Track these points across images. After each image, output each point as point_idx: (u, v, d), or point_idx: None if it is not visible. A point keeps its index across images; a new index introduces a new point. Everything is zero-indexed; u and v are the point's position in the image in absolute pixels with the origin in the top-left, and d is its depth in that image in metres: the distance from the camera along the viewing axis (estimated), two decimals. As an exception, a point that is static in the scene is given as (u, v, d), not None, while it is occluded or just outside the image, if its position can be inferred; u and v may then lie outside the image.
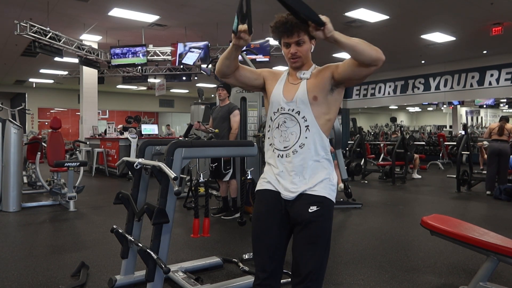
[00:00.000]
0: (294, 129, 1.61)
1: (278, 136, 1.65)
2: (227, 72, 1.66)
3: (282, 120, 1.64)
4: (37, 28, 7.72)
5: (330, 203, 1.61)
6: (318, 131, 1.61)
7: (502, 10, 7.77)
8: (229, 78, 1.70)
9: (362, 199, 6.11)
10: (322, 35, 1.41)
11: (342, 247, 3.69)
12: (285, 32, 1.58)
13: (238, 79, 1.71)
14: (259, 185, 1.73)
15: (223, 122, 4.75)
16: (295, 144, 1.61)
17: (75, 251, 3.49)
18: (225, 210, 4.90)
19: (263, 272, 1.62)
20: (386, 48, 10.68)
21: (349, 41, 1.44)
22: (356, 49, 1.44)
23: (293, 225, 1.62)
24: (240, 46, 1.53)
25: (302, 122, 1.60)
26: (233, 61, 1.62)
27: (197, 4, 7.50)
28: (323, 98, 1.61)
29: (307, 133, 1.60)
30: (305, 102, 1.60)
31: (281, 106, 1.65)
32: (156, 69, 12.23)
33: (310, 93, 1.60)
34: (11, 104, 17.24)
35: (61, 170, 5.62)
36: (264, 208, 1.67)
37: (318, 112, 1.61)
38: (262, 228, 1.65)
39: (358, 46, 1.44)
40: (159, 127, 12.72)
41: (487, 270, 2.31)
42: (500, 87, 11.68)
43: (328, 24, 1.39)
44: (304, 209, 1.57)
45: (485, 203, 6.03)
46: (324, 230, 1.59)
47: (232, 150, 2.82)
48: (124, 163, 2.57)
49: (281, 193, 1.62)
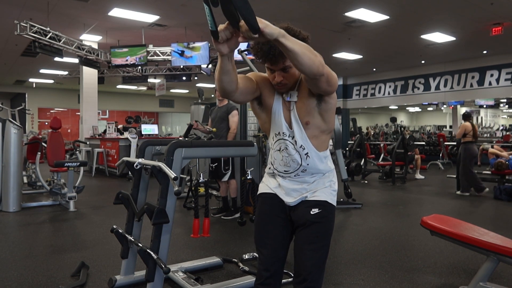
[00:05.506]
0: (295, 156, 1.61)
1: (279, 159, 1.65)
2: (230, 89, 1.43)
3: (284, 146, 1.62)
4: (37, 28, 7.71)
5: (331, 207, 1.64)
6: (317, 154, 1.61)
7: (502, 10, 7.77)
8: (235, 95, 1.48)
9: (362, 199, 6.11)
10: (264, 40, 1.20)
11: (342, 247, 3.69)
12: (269, 61, 1.47)
13: (243, 93, 1.51)
14: (261, 188, 1.74)
15: (222, 123, 4.75)
16: (296, 170, 1.62)
17: (75, 251, 3.49)
18: (225, 210, 4.90)
19: (266, 271, 1.63)
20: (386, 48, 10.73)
21: (294, 46, 1.23)
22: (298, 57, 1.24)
23: (295, 227, 1.64)
24: (231, 51, 1.26)
25: (301, 151, 1.60)
26: (232, 73, 1.37)
27: (197, 4, 7.49)
28: (315, 117, 1.57)
29: (307, 160, 1.60)
30: (300, 130, 1.58)
31: (283, 131, 1.61)
32: (156, 69, 12.23)
33: (302, 120, 1.57)
34: (11, 104, 17.24)
35: (61, 170, 5.62)
36: (267, 209, 1.68)
37: (314, 132, 1.59)
38: (266, 228, 1.67)
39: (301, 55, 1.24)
40: (159, 127, 12.72)
41: (487, 270, 2.30)
42: (500, 87, 11.68)
43: (266, 29, 1.15)
44: (306, 212, 1.59)
45: (485, 203, 6.02)
46: (325, 231, 1.61)
47: (232, 150, 2.82)
48: (124, 163, 2.57)
49: (283, 200, 1.65)
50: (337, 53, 11.22)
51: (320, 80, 1.37)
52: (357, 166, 8.61)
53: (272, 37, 1.17)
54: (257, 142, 4.81)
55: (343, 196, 5.75)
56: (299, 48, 1.24)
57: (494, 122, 20.72)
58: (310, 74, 1.32)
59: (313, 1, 7.12)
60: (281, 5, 6.90)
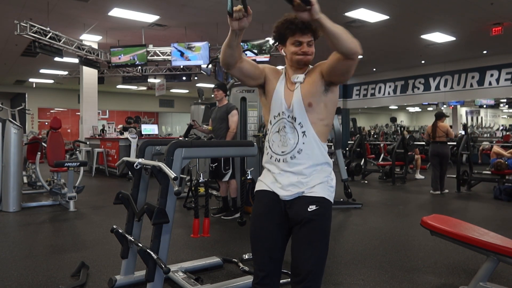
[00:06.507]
0: (293, 135, 1.62)
1: (277, 141, 1.66)
2: (231, 62, 1.60)
3: (282, 125, 1.65)
4: (37, 28, 7.71)
5: (328, 204, 1.62)
6: (315, 137, 1.62)
7: (502, 10, 7.77)
8: (233, 69, 1.64)
9: (362, 199, 6.11)
10: (308, 16, 1.35)
11: (342, 247, 3.69)
12: (301, 30, 1.60)
13: (241, 71, 1.66)
14: (258, 186, 1.74)
15: (222, 123, 4.75)
16: (293, 149, 1.61)
17: (75, 251, 3.49)
18: (225, 210, 4.90)
19: (262, 272, 1.63)
20: (386, 48, 10.75)
21: (334, 28, 1.39)
22: (339, 37, 1.41)
23: (292, 225, 1.62)
24: (240, 28, 1.46)
25: (299, 128, 1.62)
26: (235, 49, 1.56)
27: (197, 4, 7.50)
28: (318, 102, 1.62)
29: (304, 139, 1.61)
30: (301, 109, 1.61)
31: (282, 111, 1.65)
32: (156, 69, 12.24)
33: (305, 99, 1.61)
34: (11, 104, 17.23)
35: (61, 170, 5.62)
36: (263, 208, 1.67)
37: (314, 118, 1.62)
38: (261, 228, 1.66)
39: (341, 34, 1.41)
40: (159, 127, 12.72)
41: (487, 270, 2.30)
42: (500, 87, 11.68)
43: (315, 5, 1.32)
44: (303, 209, 1.58)
45: (485, 203, 6.02)
46: (323, 229, 1.60)
47: (232, 150, 2.82)
48: (124, 163, 2.57)
49: (280, 194, 1.63)
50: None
51: (354, 60, 1.48)
52: (357, 166, 8.62)
53: (317, 13, 1.34)
54: (257, 142, 4.80)
55: (343, 196, 5.75)
56: (339, 28, 1.41)
57: (494, 122, 20.73)
58: (349, 52, 1.44)
59: (313, 1, 7.12)
60: (281, 5, 6.87)
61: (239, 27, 1.45)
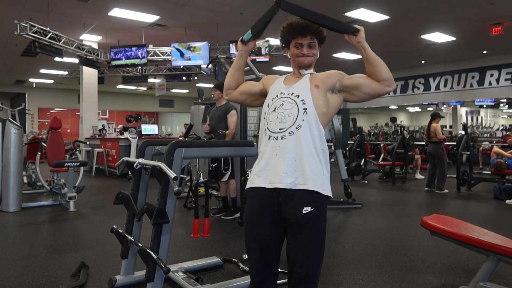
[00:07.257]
0: (292, 110, 1.59)
1: (274, 119, 1.61)
2: (233, 85, 1.83)
3: (280, 103, 1.63)
4: (37, 28, 7.71)
5: (324, 200, 1.57)
6: (316, 117, 1.59)
7: (502, 10, 7.77)
8: (234, 91, 1.84)
9: (362, 199, 6.11)
10: (354, 40, 1.60)
11: (342, 247, 3.68)
12: (300, 32, 1.65)
13: (240, 91, 1.84)
14: (249, 182, 1.67)
15: (220, 123, 4.75)
16: (291, 125, 1.57)
17: (75, 251, 3.49)
18: (225, 210, 4.90)
19: (257, 276, 1.61)
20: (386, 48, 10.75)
21: (374, 54, 1.60)
22: (379, 63, 1.60)
23: (286, 225, 1.58)
24: (246, 52, 1.74)
25: (300, 104, 1.60)
26: (241, 72, 1.81)
27: (197, 4, 7.50)
28: (324, 91, 1.64)
29: (304, 115, 1.58)
30: (306, 88, 1.64)
31: (280, 92, 1.67)
32: (156, 69, 12.24)
33: (312, 82, 1.65)
34: (11, 104, 17.23)
35: (61, 170, 5.62)
36: (255, 209, 1.62)
37: (317, 101, 1.62)
38: (254, 231, 1.62)
39: (381, 61, 1.61)
40: (159, 127, 12.71)
41: (487, 270, 2.30)
42: (500, 87, 11.68)
43: (361, 32, 1.59)
44: (298, 210, 1.53)
45: (485, 203, 6.03)
46: (318, 232, 1.56)
47: (232, 150, 2.82)
48: (124, 163, 2.57)
49: (273, 183, 1.56)
50: (337, 53, 11.22)
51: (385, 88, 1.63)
52: (357, 166, 8.62)
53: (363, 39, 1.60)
54: (257, 142, 4.80)
55: (343, 196, 5.75)
56: (378, 58, 1.62)
57: (494, 122, 20.72)
58: (385, 77, 1.61)
59: (313, 1, 7.12)
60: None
61: (246, 48, 1.74)
